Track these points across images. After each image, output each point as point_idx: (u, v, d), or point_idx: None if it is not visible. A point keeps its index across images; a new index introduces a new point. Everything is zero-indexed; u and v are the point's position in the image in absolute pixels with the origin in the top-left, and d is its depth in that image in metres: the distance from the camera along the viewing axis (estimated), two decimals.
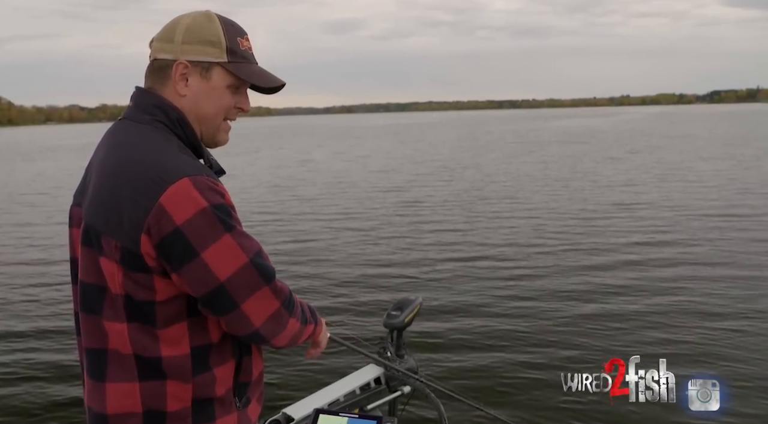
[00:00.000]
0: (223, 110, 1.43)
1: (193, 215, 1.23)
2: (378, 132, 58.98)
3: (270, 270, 1.34)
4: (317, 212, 12.47)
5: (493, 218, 11.06)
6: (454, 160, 22.95)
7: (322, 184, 17.01)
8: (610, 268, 7.35)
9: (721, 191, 13.39)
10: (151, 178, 1.24)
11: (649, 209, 11.39)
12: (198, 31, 1.37)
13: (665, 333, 5.21)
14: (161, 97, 1.39)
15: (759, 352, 4.80)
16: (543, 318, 5.70)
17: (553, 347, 5.02)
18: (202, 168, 1.32)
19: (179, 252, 1.24)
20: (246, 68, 1.42)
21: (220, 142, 1.48)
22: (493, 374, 4.58)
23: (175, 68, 1.37)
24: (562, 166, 19.88)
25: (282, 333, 1.39)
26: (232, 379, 1.41)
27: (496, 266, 7.68)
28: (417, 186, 15.91)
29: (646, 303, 6.01)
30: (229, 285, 1.28)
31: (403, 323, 2.29)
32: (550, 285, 6.72)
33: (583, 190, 14.22)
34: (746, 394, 4.05)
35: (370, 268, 7.76)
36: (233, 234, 1.28)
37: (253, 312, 1.31)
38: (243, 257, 1.28)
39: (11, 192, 17.70)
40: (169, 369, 1.31)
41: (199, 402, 1.35)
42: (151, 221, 1.22)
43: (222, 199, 1.28)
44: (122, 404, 1.32)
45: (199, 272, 1.25)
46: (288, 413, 1.95)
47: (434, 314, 5.83)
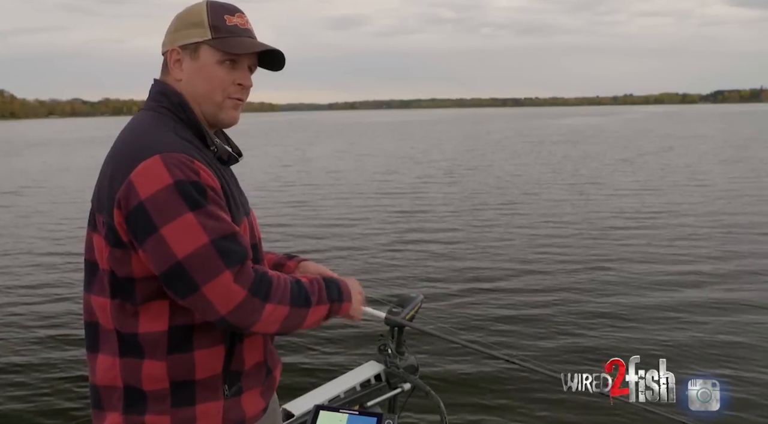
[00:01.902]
0: (218, 87, 1.43)
1: (158, 191, 1.25)
2: (382, 129, 58.91)
3: (236, 255, 1.29)
4: (319, 208, 12.47)
5: (495, 217, 11.06)
6: (458, 160, 22.92)
7: (323, 181, 17.02)
8: (610, 268, 7.34)
9: (730, 193, 13.36)
10: (127, 157, 1.30)
11: (650, 210, 11.38)
12: (185, 17, 1.45)
13: (665, 333, 5.21)
14: (165, 84, 1.45)
15: (759, 352, 4.80)
16: (543, 318, 5.70)
17: (553, 347, 5.02)
18: (182, 147, 1.32)
19: (142, 226, 1.26)
20: (231, 41, 1.42)
21: (226, 120, 1.48)
22: (492, 373, 4.58)
23: (169, 56, 1.45)
24: (571, 166, 19.66)
25: (259, 321, 1.32)
26: (222, 365, 1.40)
27: (496, 265, 7.68)
28: (419, 184, 15.91)
29: (647, 303, 6.01)
30: (187, 264, 1.25)
31: (404, 320, 2.29)
32: (550, 285, 6.72)
33: (587, 190, 14.20)
34: (746, 394, 4.05)
35: (372, 264, 7.77)
36: (197, 213, 1.26)
37: (215, 298, 1.27)
38: (204, 237, 1.26)
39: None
40: (146, 345, 1.34)
41: (178, 384, 1.36)
42: (121, 195, 1.28)
43: (195, 177, 1.28)
44: (107, 377, 1.38)
45: (158, 248, 1.26)
46: (288, 409, 1.96)
47: (435, 311, 5.83)
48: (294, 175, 18.86)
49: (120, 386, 1.37)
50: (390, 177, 17.55)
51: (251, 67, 1.49)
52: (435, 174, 18.03)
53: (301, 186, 16.14)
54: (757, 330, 5.26)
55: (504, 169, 18.84)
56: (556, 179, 16.11)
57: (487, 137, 37.77)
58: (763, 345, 4.93)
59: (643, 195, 13.15)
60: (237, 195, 1.47)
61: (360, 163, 22.59)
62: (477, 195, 13.67)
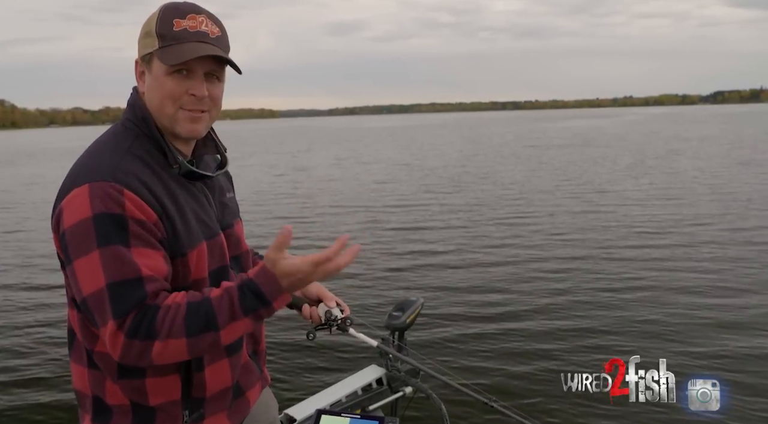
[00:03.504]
0: (168, 99, 1.34)
1: (77, 222, 1.23)
2: (383, 134, 58.90)
3: (125, 304, 1.20)
4: (318, 212, 12.47)
5: (497, 219, 11.05)
6: (461, 164, 22.90)
7: (324, 184, 17.03)
8: (611, 268, 7.33)
9: (723, 192, 13.35)
10: (67, 180, 1.29)
11: (651, 210, 11.37)
12: (144, 26, 1.38)
13: (665, 333, 5.21)
14: (136, 96, 1.41)
15: (759, 352, 4.79)
16: (543, 318, 5.70)
17: (554, 347, 5.02)
18: (120, 173, 1.26)
19: (65, 255, 1.27)
20: (175, 49, 1.31)
21: (183, 133, 1.37)
22: (494, 375, 4.58)
23: (135, 68, 1.41)
24: (578, 170, 19.43)
25: (155, 358, 1.23)
26: (180, 392, 1.38)
27: (497, 267, 7.67)
28: (421, 187, 15.91)
29: (647, 303, 6.00)
30: (89, 303, 1.24)
31: (405, 324, 2.30)
32: (550, 285, 6.72)
33: (594, 194, 14.20)
34: (746, 394, 4.04)
35: (371, 269, 7.76)
36: (103, 251, 1.21)
37: (107, 341, 1.23)
38: (101, 279, 1.21)
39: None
40: (101, 364, 1.36)
41: (136, 405, 1.36)
42: (55, 221, 1.29)
43: (118, 209, 1.22)
44: (79, 383, 1.41)
45: (73, 280, 1.26)
46: (290, 413, 1.97)
47: (435, 315, 5.84)
48: (294, 178, 18.86)
49: (89, 394, 1.39)
50: (392, 177, 17.57)
51: (214, 72, 1.38)
52: (438, 177, 18.02)
53: (296, 191, 16.15)
54: (757, 331, 5.25)
55: (509, 175, 18.66)
56: (563, 183, 16.04)
57: (489, 141, 37.62)
58: (763, 345, 4.92)
59: (651, 200, 13.12)
60: (199, 216, 1.39)
61: (361, 169, 22.57)
62: (482, 197, 13.65)
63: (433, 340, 5.27)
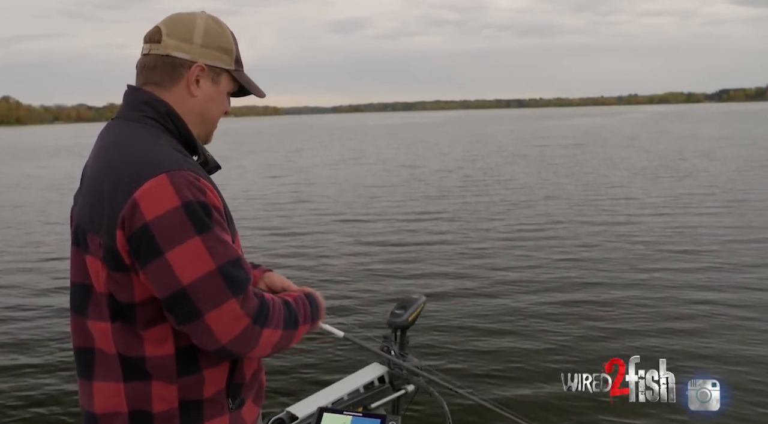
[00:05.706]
0: (221, 113, 1.49)
1: (164, 213, 1.20)
2: (385, 133, 58.81)
3: (241, 283, 1.26)
4: (322, 210, 12.49)
5: (498, 219, 11.05)
6: (465, 163, 22.86)
7: (326, 183, 17.06)
8: (611, 269, 7.33)
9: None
10: (129, 175, 1.24)
11: (653, 210, 11.35)
12: (215, 37, 1.42)
13: (665, 333, 5.21)
14: (149, 93, 1.39)
15: (759, 352, 4.79)
16: (544, 318, 5.71)
17: (554, 347, 5.03)
18: (186, 163, 1.29)
19: (145, 249, 1.21)
20: (245, 77, 1.50)
21: (209, 140, 1.52)
22: (494, 374, 4.60)
23: (193, 70, 1.39)
24: (582, 170, 19.36)
25: (256, 347, 1.31)
26: (225, 380, 1.38)
27: (499, 266, 7.68)
28: (422, 186, 15.90)
29: (647, 303, 6.01)
30: (192, 291, 1.21)
31: (407, 322, 2.31)
32: (551, 286, 6.72)
33: (593, 192, 14.18)
34: (746, 394, 4.05)
35: (374, 267, 7.78)
36: (205, 237, 1.22)
37: (218, 327, 1.24)
38: (210, 263, 1.22)
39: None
40: (154, 370, 1.30)
41: (187, 403, 1.33)
42: (125, 216, 1.21)
43: (203, 197, 1.24)
44: (108, 404, 1.32)
45: (162, 273, 1.21)
46: (292, 411, 1.98)
47: (438, 313, 5.85)
48: (289, 179, 18.86)
49: (125, 411, 1.31)
50: (394, 175, 17.59)
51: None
52: (443, 174, 17.99)
53: (299, 189, 16.15)
54: (758, 331, 5.25)
55: (517, 175, 18.36)
56: (563, 183, 16.03)
57: (494, 140, 37.38)
58: (763, 345, 4.92)
59: (659, 205, 13.09)
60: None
61: (365, 166, 22.57)
62: (485, 196, 13.64)
63: (436, 338, 5.29)
